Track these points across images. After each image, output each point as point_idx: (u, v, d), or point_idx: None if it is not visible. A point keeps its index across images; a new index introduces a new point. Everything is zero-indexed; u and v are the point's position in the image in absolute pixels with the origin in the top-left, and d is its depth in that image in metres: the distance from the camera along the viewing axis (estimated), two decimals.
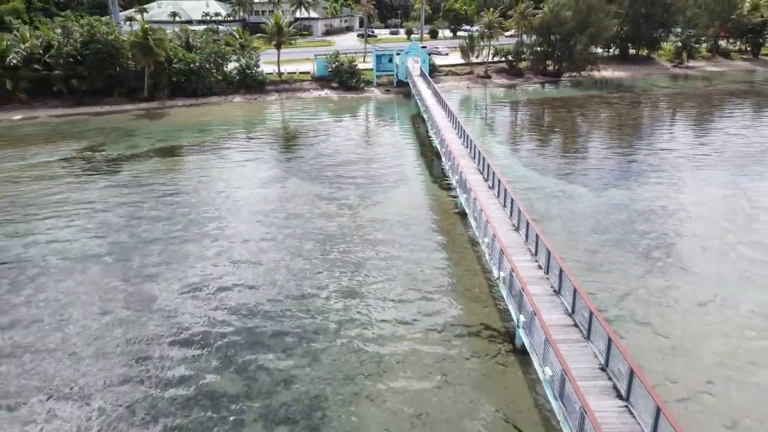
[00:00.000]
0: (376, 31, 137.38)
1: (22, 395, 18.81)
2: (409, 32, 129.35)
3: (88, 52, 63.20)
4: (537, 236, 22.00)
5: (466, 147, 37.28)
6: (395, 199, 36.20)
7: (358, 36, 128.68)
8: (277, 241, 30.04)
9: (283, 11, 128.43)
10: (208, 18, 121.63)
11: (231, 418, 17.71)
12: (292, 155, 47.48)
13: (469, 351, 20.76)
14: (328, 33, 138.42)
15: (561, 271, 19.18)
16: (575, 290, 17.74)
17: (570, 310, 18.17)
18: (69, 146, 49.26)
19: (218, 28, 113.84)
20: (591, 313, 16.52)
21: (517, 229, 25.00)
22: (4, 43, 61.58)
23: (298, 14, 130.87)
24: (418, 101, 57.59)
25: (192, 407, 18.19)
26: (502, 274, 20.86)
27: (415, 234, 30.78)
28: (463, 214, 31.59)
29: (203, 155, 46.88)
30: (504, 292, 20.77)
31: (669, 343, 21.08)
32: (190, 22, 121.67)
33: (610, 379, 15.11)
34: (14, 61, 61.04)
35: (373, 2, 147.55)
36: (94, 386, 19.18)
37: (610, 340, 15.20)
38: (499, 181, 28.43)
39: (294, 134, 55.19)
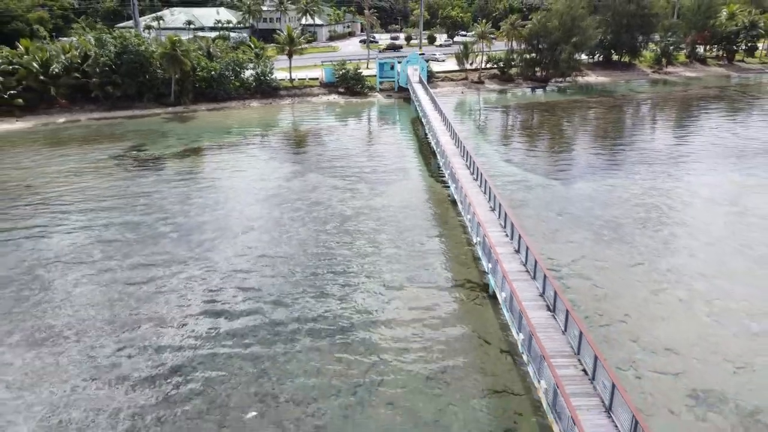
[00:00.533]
0: (377, 36, 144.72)
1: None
2: (408, 38, 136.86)
3: (120, 62, 70.69)
4: (505, 213, 29.50)
5: (457, 147, 44.75)
6: (398, 190, 43.68)
7: (360, 42, 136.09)
8: (305, 221, 37.48)
9: (289, 18, 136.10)
10: (219, 25, 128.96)
11: (289, 335, 25.16)
12: (307, 153, 54.98)
13: (455, 295, 28.27)
14: (331, 38, 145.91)
15: (519, 236, 26.65)
16: (527, 248, 25.24)
17: (524, 262, 25.68)
18: (114, 146, 56.76)
19: (229, 35, 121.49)
20: (536, 262, 24.02)
21: (493, 210, 32.48)
22: (47, 53, 69.05)
23: (303, 21, 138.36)
24: (417, 106, 65.10)
25: (259, 321, 25.70)
26: (478, 239, 28.39)
27: (415, 216, 38.28)
28: (454, 202, 39.01)
29: (232, 154, 54.38)
30: (479, 251, 28.28)
31: (602, 291, 28.59)
32: (202, 29, 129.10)
33: (545, 301, 22.59)
34: (56, 70, 68.45)
35: (376, 13, 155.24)
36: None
37: (545, 277, 22.70)
38: (481, 174, 35.93)
39: (307, 135, 62.70)
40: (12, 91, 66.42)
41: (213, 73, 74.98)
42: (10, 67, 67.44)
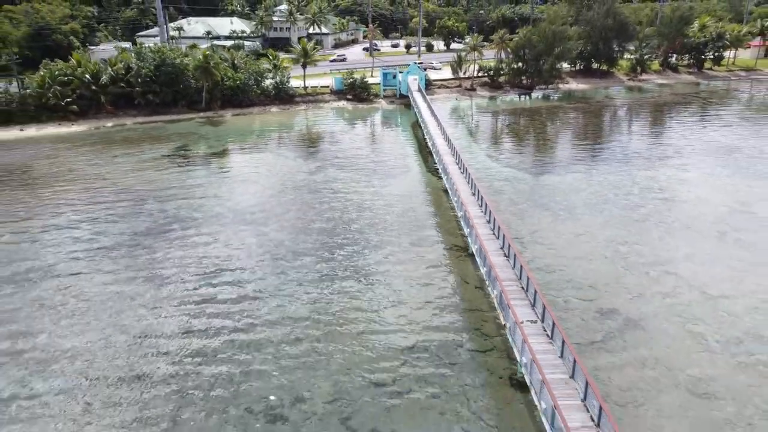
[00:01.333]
0: (379, 44, 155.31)
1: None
2: (408, 46, 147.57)
3: (159, 73, 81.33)
4: (482, 196, 40.16)
5: (449, 147, 55.41)
6: (402, 181, 54.37)
7: (363, 50, 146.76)
8: (331, 203, 48.12)
9: (298, 28, 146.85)
10: (234, 35, 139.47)
11: (331, 258, 35.82)
12: (324, 152, 65.61)
13: (445, 252, 38.94)
14: (336, 46, 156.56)
15: (491, 211, 37.32)
16: (495, 219, 35.90)
17: (492, 229, 36.33)
18: (162, 146, 67.44)
19: (243, 44, 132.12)
20: (500, 228, 34.67)
21: (473, 194, 43.13)
22: (98, 66, 79.68)
23: (311, 30, 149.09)
24: (416, 112, 75.75)
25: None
26: (460, 213, 39.09)
27: (415, 200, 48.98)
28: (446, 191, 49.56)
29: (262, 153, 65.07)
30: (462, 223, 38.94)
31: (552, 251, 39.22)
32: (218, 37, 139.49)
33: (503, 251, 33.21)
34: (105, 81, 79.08)
35: (377, 22, 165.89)
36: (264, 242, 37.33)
37: (504, 236, 33.35)
38: (466, 168, 46.59)
39: (323, 136, 73.41)
40: (68, 99, 77.01)
41: (238, 82, 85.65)
42: (66, 78, 78.06)
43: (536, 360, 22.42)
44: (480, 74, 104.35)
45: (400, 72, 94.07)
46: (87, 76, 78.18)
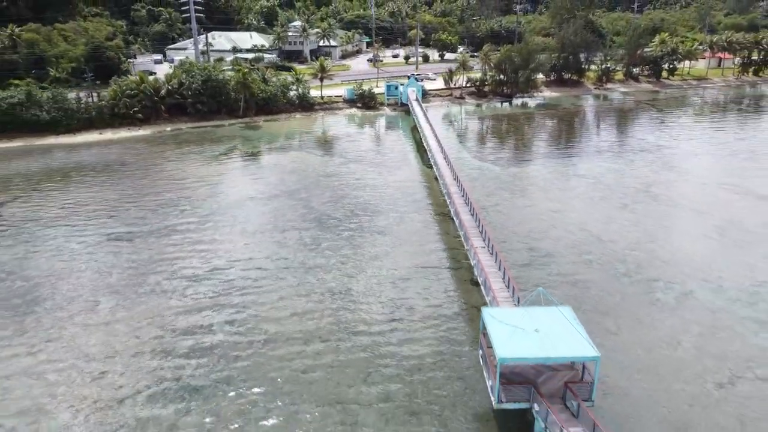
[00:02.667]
0: (380, 54, 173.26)
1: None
2: (407, 57, 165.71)
3: (205, 87, 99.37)
4: (461, 181, 58.30)
5: (439, 146, 73.48)
6: (403, 172, 72.49)
7: (367, 60, 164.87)
8: (351, 187, 66.24)
9: (310, 41, 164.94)
10: (255, 48, 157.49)
11: (341, 223, 53.88)
12: (342, 149, 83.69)
13: (434, 217, 57.06)
14: (343, 57, 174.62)
15: (465, 190, 55.44)
16: (468, 195, 54.05)
17: (466, 201, 54.47)
18: (217, 146, 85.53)
19: (263, 56, 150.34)
20: (470, 199, 52.80)
21: (454, 179, 61.22)
22: (159, 81, 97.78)
23: (321, 43, 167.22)
24: (414, 118, 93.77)
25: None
26: (445, 191, 57.33)
27: (413, 185, 67.11)
28: (436, 179, 67.57)
29: (297, 151, 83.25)
30: (447, 200, 57.17)
31: (505, 216, 57.29)
32: (240, 50, 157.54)
33: (472, 215, 51.29)
34: (163, 93, 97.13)
35: (379, 34, 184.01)
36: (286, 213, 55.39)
37: (472, 204, 51.50)
38: (451, 162, 64.73)
39: (339, 138, 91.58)
40: (135, 108, 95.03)
41: (269, 93, 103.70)
42: (132, 92, 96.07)
43: (483, 266, 40.53)
44: (468, 85, 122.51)
45: (402, 84, 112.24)
46: (150, 89, 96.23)
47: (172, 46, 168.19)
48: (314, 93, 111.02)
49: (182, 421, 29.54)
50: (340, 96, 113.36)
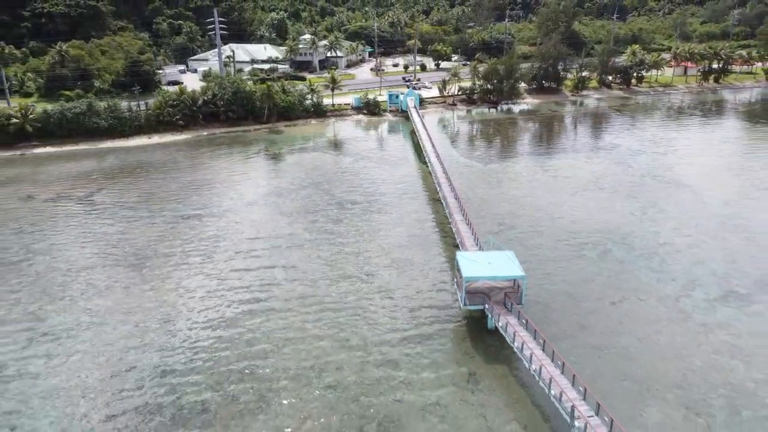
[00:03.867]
0: (382, 64, 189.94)
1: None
2: (405, 66, 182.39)
3: (235, 97, 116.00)
4: (448, 174, 74.92)
5: (432, 147, 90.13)
6: (403, 167, 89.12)
7: (370, 69, 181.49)
8: (361, 179, 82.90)
9: (319, 52, 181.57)
10: (269, 59, 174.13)
11: (350, 203, 70.57)
12: (351, 149, 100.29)
13: (426, 201, 73.71)
14: (348, 66, 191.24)
15: (452, 182, 72.06)
16: (453, 184, 70.67)
17: (452, 188, 71.13)
18: (249, 148, 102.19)
19: (277, 67, 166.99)
20: (453, 186, 69.44)
21: (444, 173, 77.85)
22: (196, 92, 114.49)
23: (329, 54, 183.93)
24: (412, 123, 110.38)
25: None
26: (436, 182, 74.01)
27: (411, 177, 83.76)
28: (430, 173, 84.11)
29: (315, 152, 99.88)
30: (438, 189, 73.81)
31: (481, 200, 73.83)
32: (256, 61, 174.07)
33: (456, 198, 67.91)
34: (200, 103, 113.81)
35: (381, 45, 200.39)
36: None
37: (456, 191, 68.15)
38: (442, 160, 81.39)
39: (348, 140, 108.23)
40: (177, 116, 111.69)
41: (288, 102, 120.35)
42: (174, 102, 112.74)
43: (461, 232, 57.12)
44: (459, 93, 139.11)
45: (402, 93, 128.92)
46: (189, 100, 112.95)
47: (194, 57, 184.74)
48: (326, 101, 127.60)
49: (269, 300, 46.22)
50: (349, 104, 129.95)
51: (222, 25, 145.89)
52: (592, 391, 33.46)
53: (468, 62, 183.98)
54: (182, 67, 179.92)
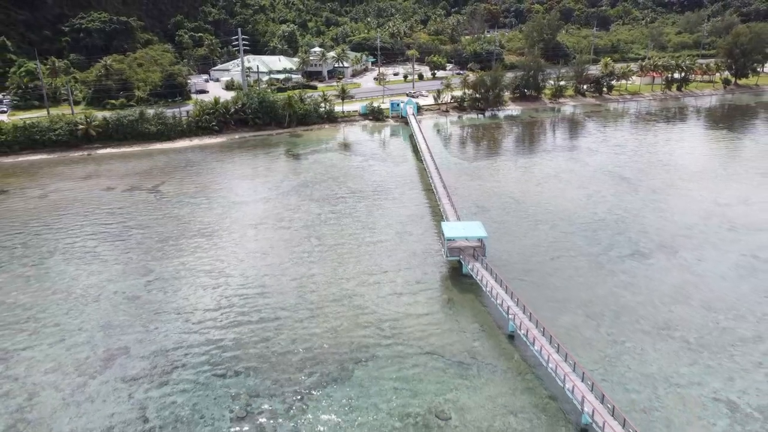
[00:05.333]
0: (383, 71, 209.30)
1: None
2: (405, 76, 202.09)
3: (261, 106, 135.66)
4: (439, 170, 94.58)
5: (427, 148, 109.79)
6: (402, 165, 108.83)
7: (374, 78, 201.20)
8: (367, 174, 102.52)
9: (327, 63, 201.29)
10: (284, 69, 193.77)
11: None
12: (360, 150, 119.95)
13: (421, 192, 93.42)
14: (354, 75, 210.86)
15: (441, 176, 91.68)
16: (443, 179, 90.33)
17: (441, 181, 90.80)
18: (274, 149, 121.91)
19: (291, 77, 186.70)
20: (442, 179, 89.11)
21: (436, 169, 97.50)
22: (228, 101, 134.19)
23: (337, 64, 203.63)
24: (411, 128, 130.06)
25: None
26: (430, 175, 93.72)
27: (409, 173, 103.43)
28: (425, 169, 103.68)
29: (330, 153, 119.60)
30: (431, 181, 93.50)
31: (465, 190, 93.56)
32: (272, 71, 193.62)
33: (445, 188, 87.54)
34: (232, 111, 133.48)
35: (383, 56, 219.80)
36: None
37: (444, 182, 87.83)
38: (434, 159, 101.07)
39: (357, 142, 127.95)
40: (213, 122, 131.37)
41: (305, 110, 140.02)
42: (210, 110, 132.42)
43: (446, 210, 76.77)
44: (452, 101, 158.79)
45: (402, 102, 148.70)
46: (222, 108, 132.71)
47: (216, 67, 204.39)
48: (337, 108, 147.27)
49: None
50: (356, 111, 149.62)
51: (246, 43, 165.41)
52: (528, 306, 53.25)
53: (461, 72, 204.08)
54: (206, 76, 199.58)
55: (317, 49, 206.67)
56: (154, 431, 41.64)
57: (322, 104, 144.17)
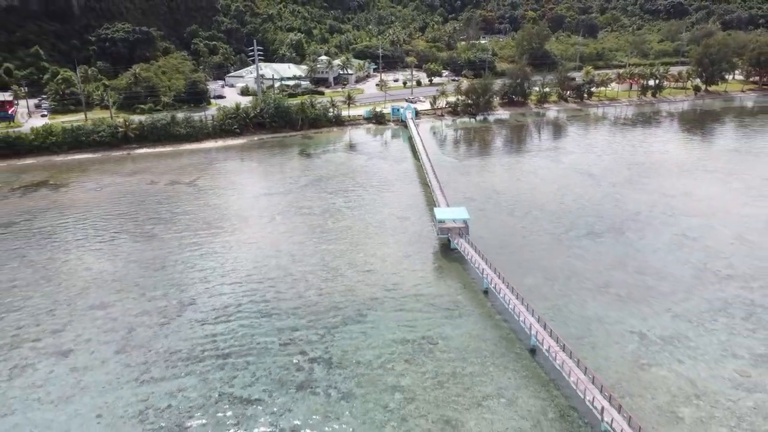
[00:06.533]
0: (384, 77, 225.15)
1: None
2: (404, 82, 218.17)
3: (277, 111, 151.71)
4: (434, 168, 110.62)
5: (423, 148, 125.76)
6: (402, 163, 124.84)
7: (375, 85, 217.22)
8: (371, 171, 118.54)
9: (333, 69, 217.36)
10: (293, 77, 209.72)
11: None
12: (364, 150, 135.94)
13: (418, 186, 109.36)
14: (357, 81, 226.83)
15: (435, 173, 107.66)
16: (437, 175, 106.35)
17: (437, 178, 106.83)
18: (290, 149, 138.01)
19: (300, 83, 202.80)
20: (438, 176, 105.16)
21: (431, 167, 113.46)
22: (248, 107, 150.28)
23: (341, 72, 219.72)
24: (410, 130, 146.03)
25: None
26: (425, 172, 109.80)
27: (408, 170, 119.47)
28: (421, 167, 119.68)
29: (338, 152, 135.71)
30: (426, 177, 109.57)
31: (454, 185, 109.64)
32: (283, 78, 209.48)
33: (437, 180, 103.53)
34: (252, 115, 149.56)
35: (384, 64, 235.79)
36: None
37: (437, 177, 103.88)
38: (430, 158, 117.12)
39: (361, 143, 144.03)
40: (235, 126, 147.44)
41: (316, 114, 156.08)
42: (232, 114, 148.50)
43: (438, 199, 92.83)
44: (446, 106, 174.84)
45: (402, 107, 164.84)
46: (243, 113, 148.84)
47: (230, 74, 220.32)
48: (344, 113, 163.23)
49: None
50: (361, 115, 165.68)
51: (262, 54, 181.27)
52: (499, 269, 69.33)
53: (456, 78, 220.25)
54: (221, 82, 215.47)
55: (324, 57, 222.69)
56: (226, 350, 57.70)
57: (331, 109, 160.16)
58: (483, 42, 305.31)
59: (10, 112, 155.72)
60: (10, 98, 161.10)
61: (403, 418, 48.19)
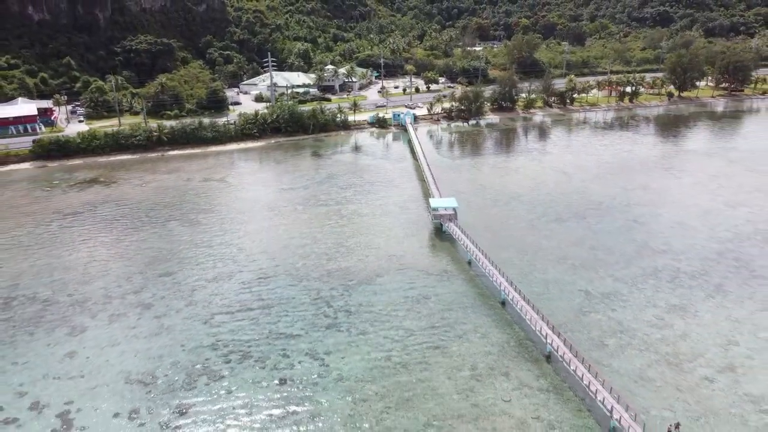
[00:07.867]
0: (386, 83, 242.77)
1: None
2: (404, 89, 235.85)
3: (291, 116, 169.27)
4: (430, 166, 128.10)
5: (421, 149, 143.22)
6: (402, 162, 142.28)
7: (377, 91, 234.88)
8: (373, 170, 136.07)
9: (338, 76, 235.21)
10: (303, 85, 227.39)
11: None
12: (368, 151, 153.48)
13: (417, 182, 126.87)
14: (360, 88, 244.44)
15: (431, 171, 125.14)
16: (433, 173, 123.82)
17: (432, 176, 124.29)
18: (303, 151, 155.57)
19: (309, 90, 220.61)
20: (431, 172, 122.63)
21: (427, 166, 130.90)
22: (265, 112, 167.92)
23: (346, 79, 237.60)
24: (409, 134, 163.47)
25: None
26: (422, 169, 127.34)
27: (408, 169, 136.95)
28: (419, 166, 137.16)
29: (346, 153, 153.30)
30: (423, 174, 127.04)
31: (449, 183, 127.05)
32: (292, 86, 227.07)
33: (432, 176, 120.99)
34: (269, 121, 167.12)
35: (385, 72, 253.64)
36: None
37: (433, 174, 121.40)
38: (426, 158, 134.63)
39: (366, 145, 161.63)
40: (254, 130, 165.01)
41: (325, 120, 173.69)
42: (252, 120, 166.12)
43: (433, 191, 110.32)
44: (442, 111, 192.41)
45: (402, 113, 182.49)
46: (262, 119, 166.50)
47: (245, 82, 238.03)
48: (350, 118, 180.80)
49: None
50: (365, 120, 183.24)
51: (275, 63, 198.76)
52: (481, 246, 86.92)
53: (452, 85, 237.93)
54: (236, 90, 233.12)
55: (330, 66, 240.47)
56: (269, 303, 75.22)
57: (339, 115, 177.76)
58: (477, 49, 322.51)
59: (52, 118, 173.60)
60: (51, 106, 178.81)
61: (404, 345, 65.73)
